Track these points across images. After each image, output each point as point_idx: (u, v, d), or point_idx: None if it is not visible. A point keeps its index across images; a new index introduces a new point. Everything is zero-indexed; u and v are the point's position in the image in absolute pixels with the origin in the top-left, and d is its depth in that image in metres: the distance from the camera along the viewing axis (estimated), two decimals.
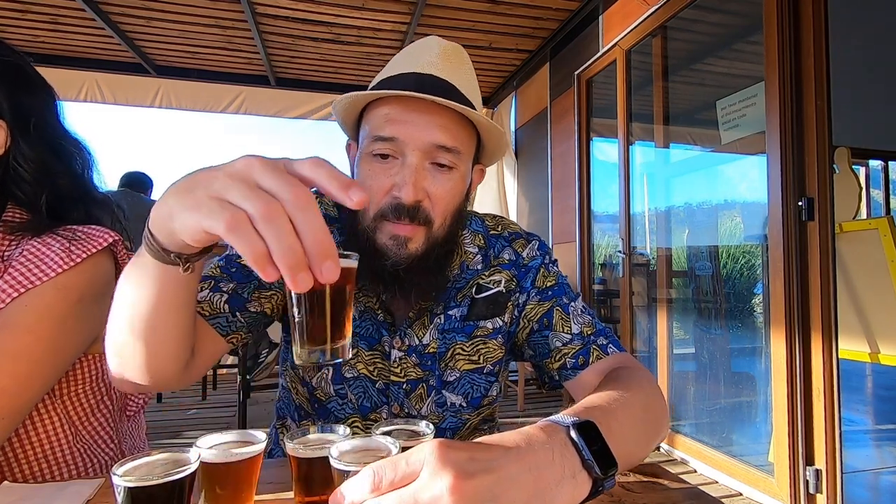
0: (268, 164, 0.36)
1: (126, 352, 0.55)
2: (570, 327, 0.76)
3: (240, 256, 0.73)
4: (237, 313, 0.69)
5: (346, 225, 0.77)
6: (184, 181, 0.39)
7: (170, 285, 0.49)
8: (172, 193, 0.39)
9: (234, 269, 0.72)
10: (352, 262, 0.41)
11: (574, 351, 0.74)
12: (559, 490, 0.40)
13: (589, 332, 0.76)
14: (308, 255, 0.34)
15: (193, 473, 0.40)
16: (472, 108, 0.69)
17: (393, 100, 0.66)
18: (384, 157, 0.66)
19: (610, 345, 0.75)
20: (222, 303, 0.69)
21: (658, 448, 2.63)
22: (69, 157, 0.74)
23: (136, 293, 0.50)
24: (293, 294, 0.38)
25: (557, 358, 0.75)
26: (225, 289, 0.70)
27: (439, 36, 0.76)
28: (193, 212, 0.36)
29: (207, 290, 0.69)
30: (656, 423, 0.60)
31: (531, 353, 0.80)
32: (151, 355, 0.55)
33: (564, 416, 0.47)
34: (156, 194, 3.79)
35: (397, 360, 0.75)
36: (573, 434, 0.43)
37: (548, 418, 0.46)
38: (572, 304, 0.79)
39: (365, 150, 0.68)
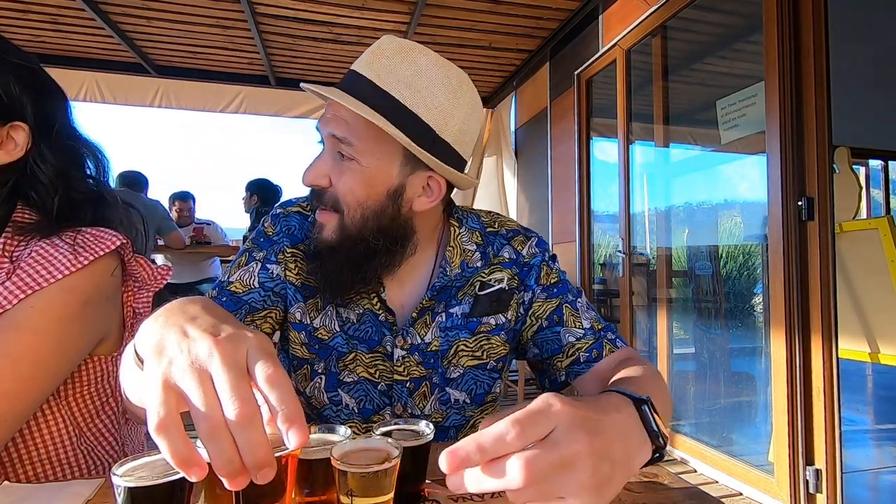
0: (229, 362, 0.35)
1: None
2: (582, 322, 0.78)
3: (230, 283, 0.75)
4: None
5: None
6: (161, 329, 0.40)
7: None
8: (151, 339, 0.39)
9: (224, 299, 0.73)
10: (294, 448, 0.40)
11: (588, 345, 0.76)
12: (638, 453, 0.44)
13: (599, 328, 0.78)
14: (245, 464, 0.34)
15: None
16: (389, 104, 0.64)
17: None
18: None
19: (617, 339, 0.78)
20: None
21: None
22: (84, 160, 0.75)
23: (135, 394, 0.49)
24: None
25: (570, 353, 0.76)
26: None
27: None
28: (148, 380, 0.36)
29: None
30: (669, 409, 0.65)
31: (536, 350, 0.80)
32: None
33: (624, 389, 0.49)
34: (151, 193, 3.80)
35: (400, 358, 0.76)
36: (644, 408, 0.46)
37: (610, 391, 0.49)
38: (578, 300, 0.80)
39: None
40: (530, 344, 0.81)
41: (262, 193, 3.86)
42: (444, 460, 0.37)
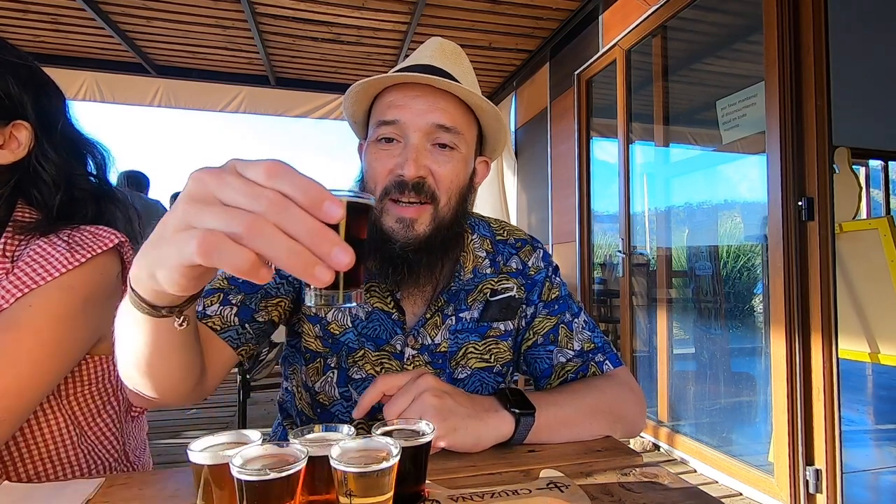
0: (220, 175, 0.33)
1: (136, 381, 0.54)
2: (573, 344, 0.81)
3: None
4: (246, 325, 0.71)
5: None
6: (151, 235, 0.37)
7: (165, 335, 0.47)
8: (143, 250, 0.38)
9: (241, 280, 0.72)
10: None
11: (575, 367, 0.80)
12: (491, 415, 0.63)
13: (588, 349, 0.81)
14: (311, 251, 0.32)
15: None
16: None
17: (396, 88, 0.71)
18: (389, 140, 0.70)
19: (606, 362, 0.81)
20: (232, 315, 0.70)
21: (658, 448, 2.63)
22: (85, 158, 0.76)
23: (134, 343, 0.48)
24: None
25: (560, 374, 0.80)
26: (234, 301, 0.71)
27: (439, 36, 0.79)
28: (168, 254, 0.34)
29: (217, 305, 0.70)
30: (607, 404, 0.73)
31: (525, 367, 0.84)
32: (160, 385, 0.54)
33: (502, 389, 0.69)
34: (152, 193, 3.80)
35: (410, 357, 0.77)
36: (500, 396, 0.66)
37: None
38: (575, 320, 0.83)
39: (371, 137, 0.72)
40: (523, 358, 0.84)
41: None
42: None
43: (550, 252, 3.76)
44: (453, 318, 0.79)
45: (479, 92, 0.77)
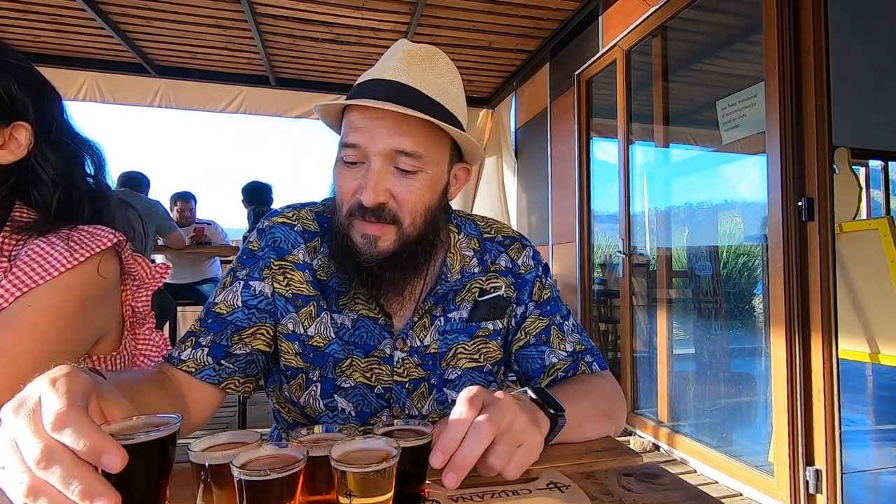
0: (21, 423, 0.35)
1: None
2: (565, 346, 0.82)
3: (215, 304, 0.75)
4: (222, 361, 0.72)
5: (327, 233, 0.78)
6: None
7: None
8: None
9: (210, 321, 0.74)
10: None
11: (565, 366, 0.80)
12: (539, 417, 0.56)
13: (579, 350, 0.82)
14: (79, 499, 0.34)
15: (175, 433, 0.41)
16: (440, 110, 0.69)
17: (358, 107, 0.69)
18: (353, 162, 0.70)
19: (594, 363, 0.82)
20: (205, 356, 0.72)
21: (658, 448, 2.63)
22: (83, 158, 0.76)
23: None
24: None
25: (550, 373, 0.80)
26: (204, 343, 0.72)
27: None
28: None
29: (189, 349, 0.72)
30: (606, 404, 0.74)
31: (517, 367, 0.84)
32: None
33: (530, 386, 0.63)
34: (152, 193, 3.80)
35: (400, 360, 0.77)
36: (531, 394, 0.60)
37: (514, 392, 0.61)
38: (566, 322, 0.84)
39: (338, 155, 0.72)
40: (514, 358, 0.84)
41: (251, 196, 3.93)
42: (436, 459, 0.47)
43: (550, 253, 3.77)
44: (441, 318, 0.79)
45: (459, 92, 0.75)
